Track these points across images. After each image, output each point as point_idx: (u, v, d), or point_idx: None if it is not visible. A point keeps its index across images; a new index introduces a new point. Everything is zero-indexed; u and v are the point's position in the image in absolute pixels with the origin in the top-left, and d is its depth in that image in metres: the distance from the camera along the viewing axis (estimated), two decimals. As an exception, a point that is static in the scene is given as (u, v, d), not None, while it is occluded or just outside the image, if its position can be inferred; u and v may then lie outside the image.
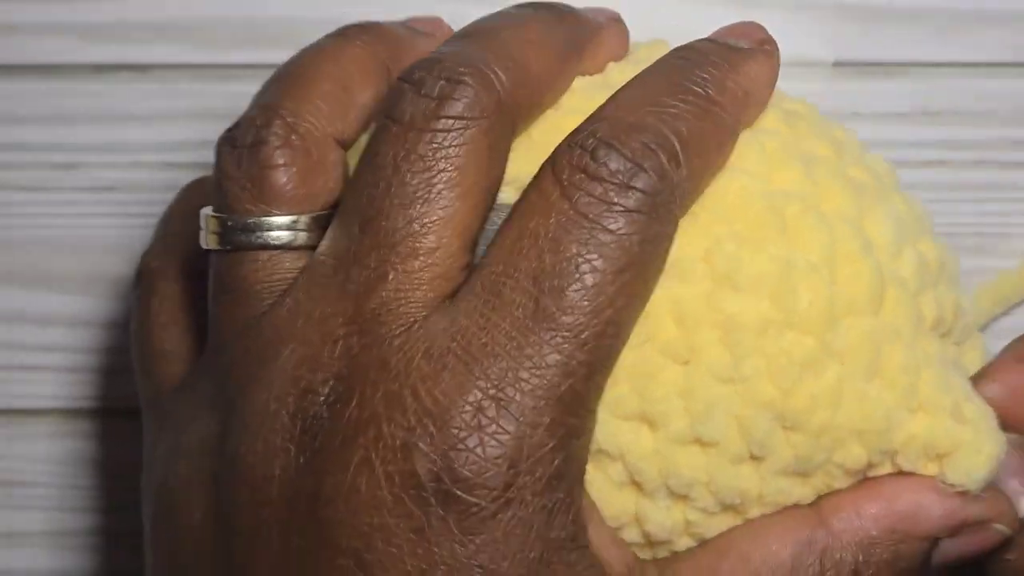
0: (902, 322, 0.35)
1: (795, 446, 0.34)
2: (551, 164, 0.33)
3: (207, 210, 0.35)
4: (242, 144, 0.35)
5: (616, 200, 0.32)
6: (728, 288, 0.34)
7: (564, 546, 0.32)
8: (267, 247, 0.35)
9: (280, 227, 0.34)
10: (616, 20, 0.38)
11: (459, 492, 0.32)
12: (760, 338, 0.34)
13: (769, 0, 0.46)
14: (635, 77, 0.35)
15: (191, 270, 0.38)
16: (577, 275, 0.32)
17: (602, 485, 0.34)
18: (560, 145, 0.33)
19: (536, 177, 0.33)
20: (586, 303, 0.32)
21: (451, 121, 0.33)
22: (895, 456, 0.35)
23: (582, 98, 0.36)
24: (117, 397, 0.47)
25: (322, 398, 0.33)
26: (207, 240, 0.35)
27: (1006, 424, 0.36)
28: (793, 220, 0.34)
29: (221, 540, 0.33)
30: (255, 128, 0.35)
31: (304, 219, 0.35)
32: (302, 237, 0.35)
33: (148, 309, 0.38)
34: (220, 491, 0.33)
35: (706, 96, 0.34)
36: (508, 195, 0.35)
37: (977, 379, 0.37)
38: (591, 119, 0.34)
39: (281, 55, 0.46)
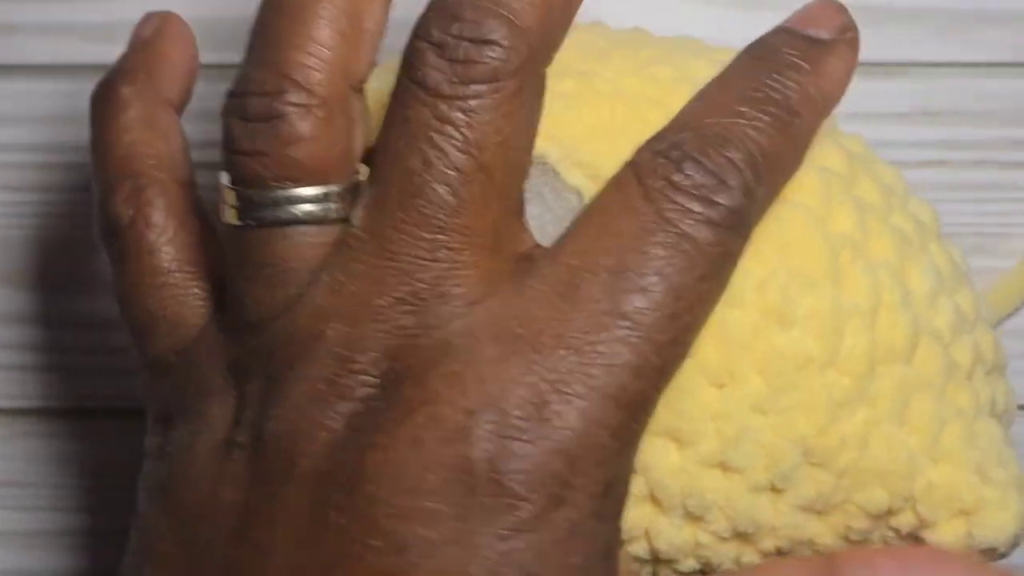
0: (933, 373, 0.35)
1: (818, 483, 0.34)
2: (634, 168, 0.32)
3: (224, 179, 0.33)
4: (256, 116, 0.32)
5: (701, 211, 0.32)
6: (777, 321, 0.34)
7: (605, 555, 0.32)
8: (298, 222, 0.32)
9: (310, 199, 0.32)
10: None
11: (512, 484, 0.30)
12: (801, 374, 0.34)
13: (769, 0, 0.46)
14: (715, 80, 0.34)
15: (177, 215, 0.36)
16: (659, 278, 0.31)
17: None
18: (643, 150, 0.32)
19: (617, 178, 0.32)
20: (666, 307, 0.31)
21: (482, 86, 0.32)
22: (916, 504, 0.35)
23: (662, 90, 0.35)
24: (115, 397, 0.47)
25: (372, 377, 0.31)
26: (227, 215, 0.33)
27: None
28: (844, 265, 0.34)
29: (243, 514, 0.32)
30: (267, 98, 0.32)
31: (335, 189, 0.33)
32: (334, 209, 0.33)
33: (135, 270, 0.35)
34: (249, 466, 0.32)
35: (787, 108, 0.33)
36: (578, 179, 0.34)
37: None
38: (675, 127, 0.33)
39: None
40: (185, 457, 0.34)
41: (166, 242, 0.35)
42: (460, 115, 0.32)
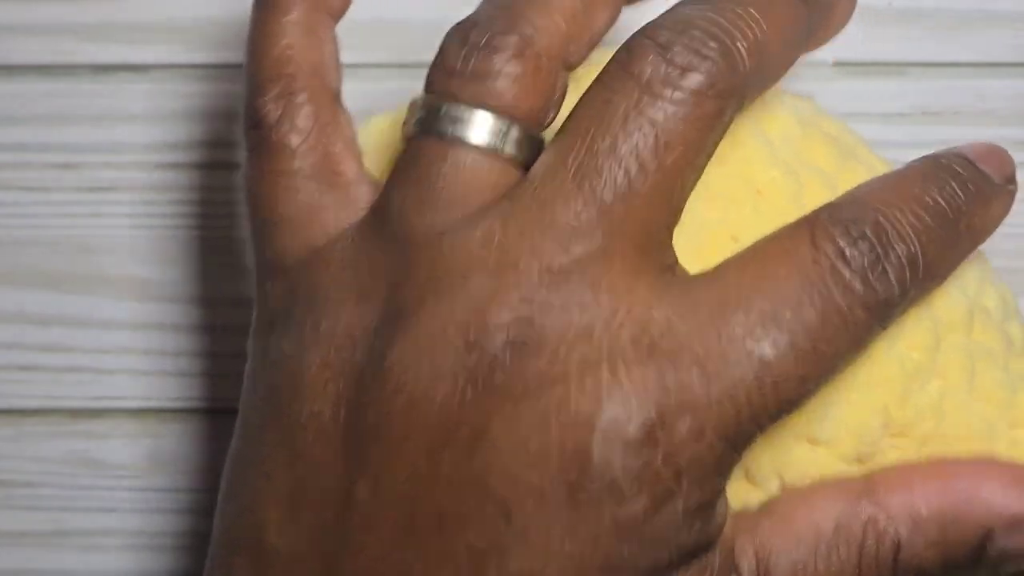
0: (993, 344, 0.36)
1: (901, 451, 0.35)
2: (810, 226, 0.33)
3: (417, 98, 0.35)
4: (474, 43, 0.34)
5: (861, 291, 0.33)
6: None
7: (692, 553, 0.33)
8: (472, 145, 0.34)
9: (492, 128, 0.34)
10: None
11: (623, 482, 0.32)
12: (874, 348, 0.34)
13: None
14: (897, 173, 0.35)
15: (323, 123, 0.36)
16: (805, 338, 0.32)
17: None
18: (823, 212, 0.33)
19: (790, 229, 0.33)
20: (800, 369, 0.32)
21: (688, 95, 0.33)
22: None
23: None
24: (118, 397, 0.47)
25: (505, 338, 0.32)
26: (409, 125, 0.34)
27: None
28: None
29: (355, 441, 0.33)
30: (492, 32, 0.34)
31: (517, 129, 0.34)
32: (510, 148, 0.34)
33: (272, 168, 0.36)
34: (365, 391, 0.33)
35: (956, 228, 0.34)
36: None
37: None
38: (857, 202, 0.34)
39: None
40: (295, 368, 0.34)
41: (308, 148, 0.36)
42: (660, 113, 0.33)
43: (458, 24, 0.35)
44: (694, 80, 0.33)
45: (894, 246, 0.33)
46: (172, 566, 0.48)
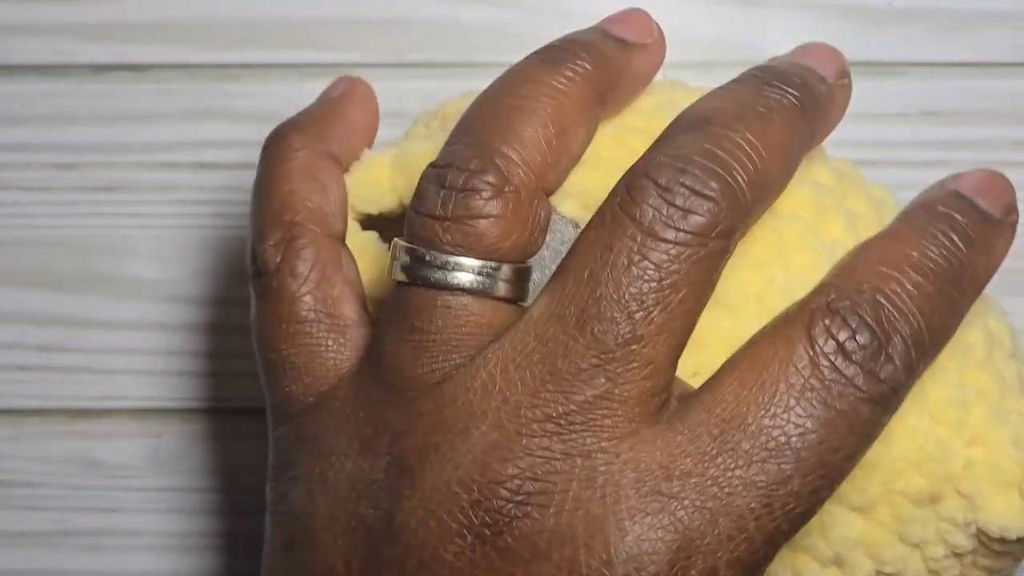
0: (944, 360, 0.35)
1: (852, 478, 0.34)
2: (807, 322, 0.32)
3: (400, 240, 0.34)
4: (452, 186, 0.33)
5: (864, 388, 0.32)
6: None
7: None
8: (462, 290, 0.33)
9: (479, 271, 0.33)
10: (843, 75, 0.36)
11: None
12: None
13: (772, 0, 0.46)
14: (889, 234, 0.34)
15: (322, 267, 0.36)
16: (809, 453, 0.32)
17: None
18: (819, 300, 0.33)
19: (789, 324, 0.33)
20: (808, 485, 0.32)
21: (691, 236, 0.32)
22: (958, 484, 0.35)
23: (645, 118, 0.36)
24: (117, 397, 0.47)
25: (509, 493, 0.31)
26: (396, 271, 0.34)
27: None
28: None
29: None
30: (468, 173, 0.33)
31: (506, 268, 0.33)
32: (501, 287, 0.33)
33: (273, 313, 0.36)
34: (376, 548, 0.32)
35: (959, 286, 0.33)
36: (572, 209, 0.34)
37: None
38: (850, 280, 0.33)
39: (279, 55, 0.46)
40: (306, 519, 0.34)
41: (307, 292, 0.36)
42: (664, 257, 0.32)
43: (433, 165, 0.34)
44: (697, 222, 0.32)
45: (897, 327, 0.32)
46: (172, 566, 0.48)
